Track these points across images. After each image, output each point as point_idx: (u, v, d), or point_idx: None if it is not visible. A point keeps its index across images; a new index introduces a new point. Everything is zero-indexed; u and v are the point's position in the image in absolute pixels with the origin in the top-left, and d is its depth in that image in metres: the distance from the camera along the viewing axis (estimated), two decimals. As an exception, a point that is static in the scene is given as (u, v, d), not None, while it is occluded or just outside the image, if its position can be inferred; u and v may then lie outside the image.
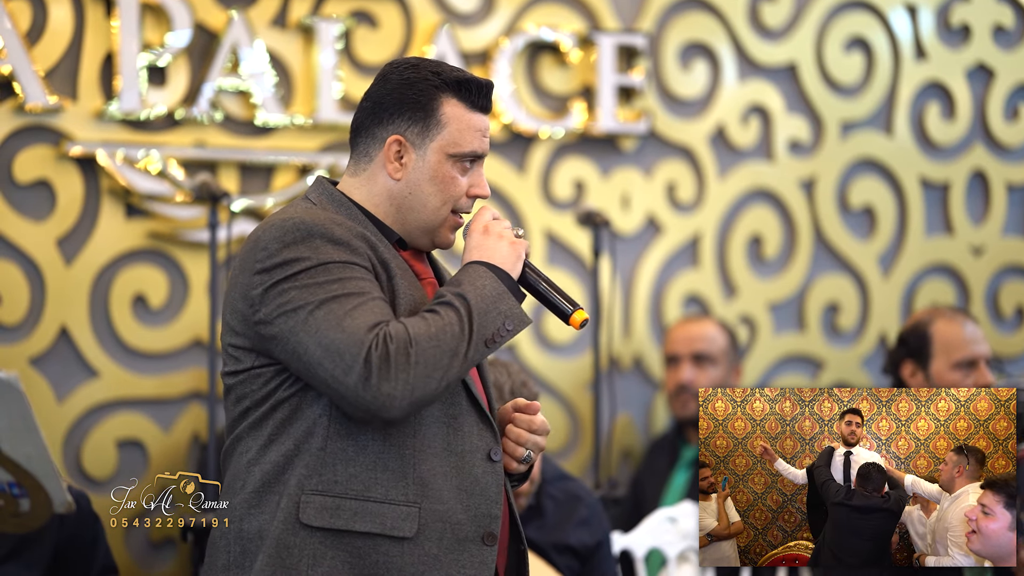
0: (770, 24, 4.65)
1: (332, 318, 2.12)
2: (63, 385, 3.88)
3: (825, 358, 4.73)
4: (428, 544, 2.18)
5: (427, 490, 2.19)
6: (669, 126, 4.53)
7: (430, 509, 2.19)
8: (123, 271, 3.94)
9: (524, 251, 2.26)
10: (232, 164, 4.03)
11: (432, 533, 2.19)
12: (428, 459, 2.20)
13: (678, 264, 4.57)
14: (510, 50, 4.30)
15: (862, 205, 4.79)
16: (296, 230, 2.17)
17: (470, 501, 2.22)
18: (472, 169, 2.29)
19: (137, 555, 3.94)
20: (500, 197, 4.35)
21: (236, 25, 3.99)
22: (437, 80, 2.26)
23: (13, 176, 3.83)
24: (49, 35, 3.85)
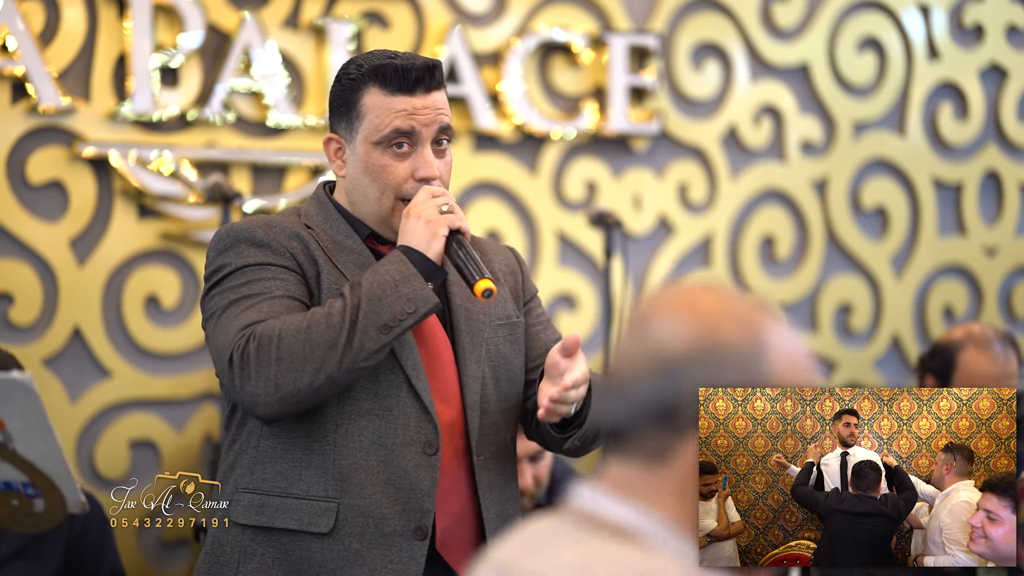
0: (782, 24, 4.64)
1: (225, 321, 2.18)
2: (76, 385, 3.89)
3: (838, 359, 4.72)
4: (348, 539, 2.19)
5: (346, 485, 2.20)
6: (681, 127, 4.53)
7: (349, 504, 2.19)
8: (136, 272, 3.95)
9: (446, 226, 2.19)
10: (244, 165, 4.04)
11: (352, 528, 2.19)
12: (350, 453, 2.20)
13: (690, 265, 4.57)
14: (522, 51, 4.30)
15: (875, 206, 4.78)
16: (226, 237, 2.26)
17: (398, 495, 2.20)
18: (415, 152, 2.26)
19: (149, 555, 3.95)
20: (511, 198, 4.35)
21: (248, 26, 3.99)
22: (358, 72, 2.27)
23: (26, 177, 3.84)
24: (62, 36, 3.86)
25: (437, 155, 2.27)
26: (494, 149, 4.32)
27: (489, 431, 2.29)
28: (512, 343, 2.32)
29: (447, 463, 2.24)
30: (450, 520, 2.24)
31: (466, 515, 2.25)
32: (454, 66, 4.21)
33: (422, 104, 2.25)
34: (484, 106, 4.24)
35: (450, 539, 2.24)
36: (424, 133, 2.25)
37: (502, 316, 2.34)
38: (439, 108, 2.26)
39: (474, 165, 4.30)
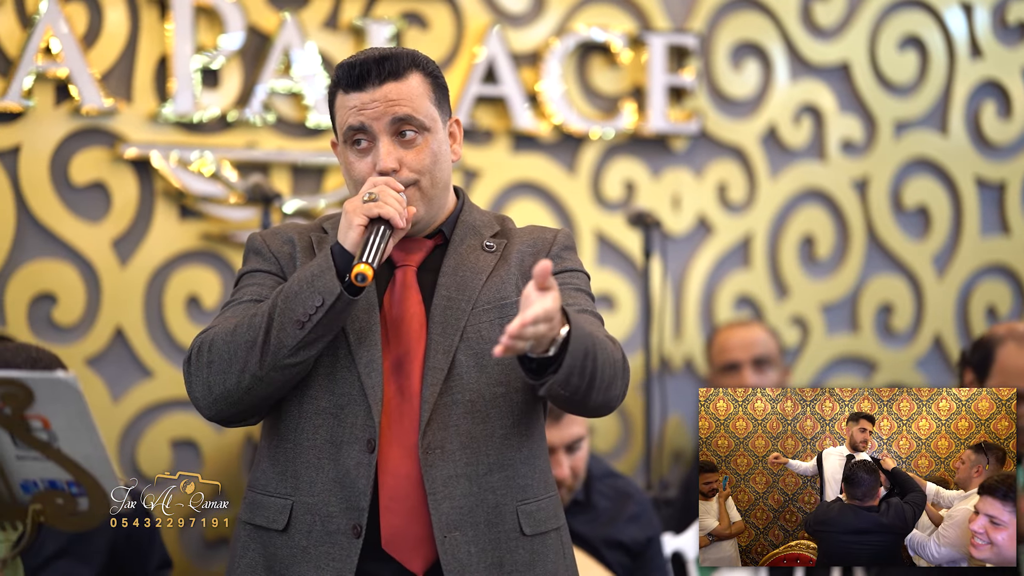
0: (823, 23, 4.61)
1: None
2: (118, 385, 3.92)
3: (879, 359, 4.69)
4: (298, 536, 2.23)
5: (299, 483, 2.24)
6: (720, 126, 4.51)
7: (301, 502, 2.24)
8: (177, 272, 3.97)
9: (363, 215, 2.18)
10: (284, 166, 4.06)
11: (302, 525, 2.23)
12: (305, 452, 2.24)
13: (729, 265, 4.55)
14: (560, 51, 4.29)
15: (916, 205, 4.74)
16: (245, 246, 2.37)
17: (343, 493, 2.22)
18: (374, 147, 2.27)
19: (192, 554, 3.98)
20: (550, 198, 4.35)
21: (288, 27, 4.01)
22: (332, 79, 2.33)
23: (69, 178, 3.87)
24: (105, 38, 3.89)
25: (404, 146, 2.27)
26: (533, 149, 4.32)
27: (460, 421, 2.24)
28: (501, 325, 2.20)
29: (395, 460, 2.22)
30: (399, 518, 2.22)
31: (419, 512, 2.22)
32: (493, 66, 4.21)
33: (370, 98, 2.25)
34: (523, 106, 4.24)
35: (399, 537, 2.21)
36: (376, 127, 2.26)
37: (492, 300, 2.29)
38: (390, 100, 2.25)
39: (513, 165, 4.30)
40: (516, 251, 2.34)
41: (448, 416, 2.23)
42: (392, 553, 2.21)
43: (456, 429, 2.23)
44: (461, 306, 2.27)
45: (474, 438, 2.24)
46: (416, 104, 2.27)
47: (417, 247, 2.33)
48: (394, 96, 2.26)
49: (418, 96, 2.28)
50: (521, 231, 2.40)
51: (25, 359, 2.83)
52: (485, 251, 2.33)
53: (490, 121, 4.25)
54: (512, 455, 2.27)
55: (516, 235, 2.38)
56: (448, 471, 2.22)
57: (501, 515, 2.25)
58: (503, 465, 2.26)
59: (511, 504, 2.26)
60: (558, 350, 2.10)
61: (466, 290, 2.28)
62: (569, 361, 2.10)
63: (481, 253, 2.33)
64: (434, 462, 2.21)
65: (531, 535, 2.27)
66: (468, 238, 2.35)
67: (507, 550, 2.24)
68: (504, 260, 2.32)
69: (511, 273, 2.32)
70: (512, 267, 2.33)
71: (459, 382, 2.24)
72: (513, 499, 2.26)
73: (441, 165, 2.31)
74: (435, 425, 2.22)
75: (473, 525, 2.23)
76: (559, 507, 2.35)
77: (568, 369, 2.11)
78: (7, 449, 2.18)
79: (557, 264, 2.35)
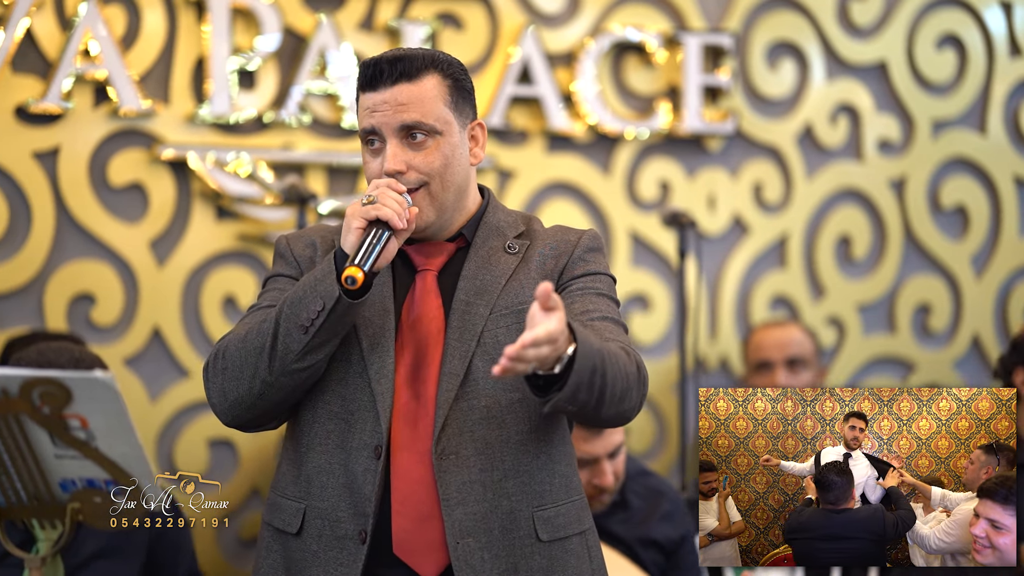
0: (859, 22, 4.59)
1: None
2: (156, 384, 3.95)
3: (916, 360, 4.66)
4: (310, 540, 2.24)
5: (311, 487, 2.26)
6: (756, 126, 4.50)
7: (313, 506, 2.25)
8: (214, 272, 4.00)
9: (360, 218, 2.18)
10: (320, 166, 4.07)
11: (313, 529, 2.24)
12: (317, 456, 2.25)
13: (765, 265, 4.53)
14: (595, 51, 4.29)
15: (954, 205, 4.71)
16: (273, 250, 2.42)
17: (352, 498, 2.22)
18: (385, 148, 2.27)
19: (228, 554, 4.00)
20: (584, 198, 4.34)
21: (324, 29, 4.03)
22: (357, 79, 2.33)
23: (108, 179, 3.90)
24: (143, 41, 3.92)
25: (413, 148, 2.26)
26: (567, 149, 4.32)
27: (476, 426, 2.22)
28: (519, 331, 2.18)
29: (408, 465, 2.21)
30: (410, 523, 2.21)
31: (432, 518, 2.21)
32: (528, 67, 4.21)
33: (381, 99, 2.26)
34: (558, 107, 4.24)
35: (410, 542, 2.21)
36: (385, 130, 2.26)
37: (510, 305, 2.27)
38: (400, 103, 2.25)
39: (547, 166, 4.30)
40: (538, 253, 2.32)
41: (464, 422, 2.22)
42: (403, 558, 2.21)
43: (471, 435, 2.22)
44: (479, 311, 2.26)
45: (489, 444, 2.23)
46: (426, 107, 2.26)
47: (438, 251, 2.32)
48: (404, 99, 2.25)
49: (430, 99, 2.26)
50: (546, 232, 2.37)
51: (68, 359, 2.85)
52: (507, 253, 2.31)
53: (525, 122, 4.25)
54: (528, 461, 2.25)
55: (540, 236, 2.35)
56: (462, 477, 2.21)
57: (516, 521, 2.23)
58: (519, 471, 2.24)
59: (526, 510, 2.24)
60: (564, 368, 2.06)
61: (485, 294, 2.27)
62: (574, 379, 2.06)
63: (503, 255, 2.31)
64: (448, 467, 2.20)
65: (548, 541, 2.24)
66: (490, 240, 2.33)
67: (522, 556, 2.23)
68: (525, 263, 2.30)
69: (531, 277, 2.30)
70: (532, 270, 2.30)
71: (475, 387, 2.23)
72: (528, 505, 2.24)
73: (454, 168, 2.29)
74: (450, 431, 2.21)
75: (487, 531, 2.21)
76: (584, 511, 2.32)
77: (573, 387, 2.07)
78: (46, 448, 2.20)
79: (579, 267, 2.32)
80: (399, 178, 2.25)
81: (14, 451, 2.20)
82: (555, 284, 2.30)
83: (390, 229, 2.19)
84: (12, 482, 2.24)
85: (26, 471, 2.22)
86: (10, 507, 2.26)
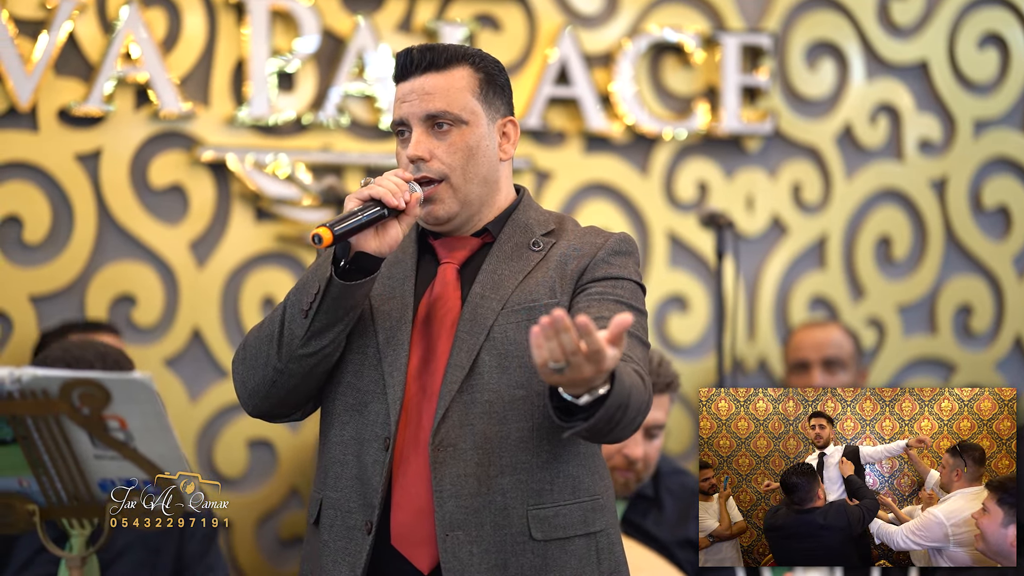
0: (900, 22, 4.55)
1: None
2: (196, 385, 3.98)
3: (957, 361, 4.62)
4: (324, 531, 2.27)
5: (327, 478, 2.28)
6: (795, 126, 4.47)
7: (328, 497, 2.28)
8: (253, 274, 4.02)
9: (355, 199, 2.21)
10: (358, 168, 4.09)
11: (327, 520, 2.27)
12: (333, 448, 2.28)
13: (804, 265, 4.51)
14: (633, 52, 4.28)
15: (996, 205, 4.66)
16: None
17: (361, 489, 2.24)
18: (412, 137, 2.29)
19: (267, 553, 4.02)
20: (622, 199, 4.34)
21: (362, 30, 4.04)
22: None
23: (148, 181, 3.94)
24: (183, 43, 3.95)
25: (438, 137, 2.27)
26: (605, 150, 4.31)
27: (476, 420, 2.21)
28: (528, 328, 2.10)
29: (410, 457, 2.22)
30: (408, 515, 2.22)
31: (427, 510, 2.21)
32: (565, 67, 4.21)
33: (409, 89, 2.28)
34: (595, 107, 4.24)
35: (407, 534, 2.22)
36: (411, 119, 2.28)
37: (523, 301, 2.25)
38: (427, 92, 2.26)
39: (585, 166, 4.29)
40: (560, 252, 2.29)
41: (464, 415, 2.22)
42: (400, 549, 2.22)
43: (471, 428, 2.21)
44: (492, 305, 2.25)
45: (488, 439, 2.21)
46: (453, 97, 2.26)
47: (461, 245, 2.32)
48: (431, 88, 2.27)
49: (458, 89, 2.27)
50: (576, 232, 2.34)
51: (95, 355, 2.88)
52: (531, 250, 2.30)
53: (562, 122, 4.25)
54: (527, 459, 2.22)
55: (567, 235, 2.32)
56: (458, 470, 2.20)
57: (508, 518, 2.21)
58: (516, 468, 2.22)
59: (520, 508, 2.22)
60: (591, 402, 2.05)
61: (500, 289, 2.26)
62: (602, 415, 2.06)
63: (526, 252, 2.30)
64: (444, 459, 2.20)
65: (543, 540, 2.21)
66: (516, 236, 2.31)
67: (512, 553, 2.20)
68: (545, 261, 2.29)
69: (549, 275, 2.27)
70: (551, 269, 2.28)
71: (479, 381, 2.22)
72: (523, 503, 2.22)
73: (478, 160, 2.28)
74: (449, 423, 2.21)
75: (478, 526, 2.20)
76: (596, 512, 2.27)
77: (595, 422, 2.07)
78: (86, 448, 2.22)
79: (601, 270, 2.28)
80: (422, 165, 2.26)
81: (54, 451, 2.22)
82: (574, 286, 2.27)
83: (384, 208, 2.20)
84: (52, 482, 2.26)
85: (66, 471, 2.24)
86: (51, 507, 2.29)
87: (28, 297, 3.83)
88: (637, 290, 2.30)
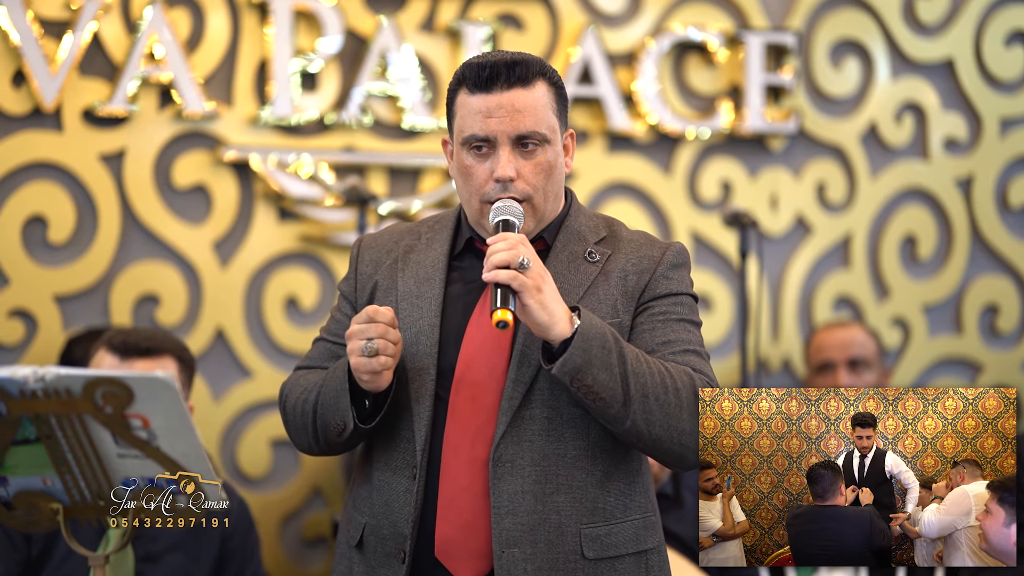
0: (925, 20, 4.53)
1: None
2: (219, 385, 3.99)
3: (983, 361, 4.59)
4: (368, 554, 2.28)
5: (371, 504, 2.28)
6: (819, 125, 4.45)
7: (369, 523, 2.28)
8: (276, 273, 4.03)
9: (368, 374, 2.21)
10: (381, 168, 4.09)
11: (369, 545, 2.28)
12: (374, 474, 2.29)
13: (828, 265, 4.49)
14: (656, 51, 4.27)
15: (1022, 204, 4.63)
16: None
17: (394, 518, 2.24)
18: (494, 153, 2.23)
19: (290, 553, 4.03)
20: (645, 198, 4.32)
21: (385, 30, 4.05)
22: (455, 77, 2.29)
23: (172, 181, 3.95)
24: (207, 44, 3.96)
25: (524, 156, 2.23)
26: (628, 149, 4.30)
27: (535, 437, 2.20)
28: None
29: (458, 471, 2.20)
30: (454, 530, 2.21)
31: (477, 525, 2.20)
32: (588, 67, 4.20)
33: (497, 103, 2.22)
34: (618, 106, 4.23)
35: (454, 548, 2.21)
36: (500, 137, 2.22)
37: None
38: (516, 109, 2.21)
39: (608, 166, 4.28)
40: (619, 269, 2.27)
41: (523, 431, 2.20)
42: (444, 562, 2.21)
43: (529, 445, 2.20)
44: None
45: (546, 456, 2.20)
46: (540, 115, 2.23)
47: None
48: (519, 105, 2.22)
49: (542, 106, 2.23)
50: (629, 242, 2.31)
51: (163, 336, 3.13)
52: (587, 261, 2.28)
53: (585, 121, 4.24)
54: (583, 477, 2.22)
55: (622, 246, 2.30)
56: (515, 486, 2.19)
57: (562, 536, 2.20)
58: (571, 486, 2.21)
59: (574, 526, 2.21)
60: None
61: None
62: (580, 343, 2.09)
63: (582, 263, 2.27)
64: (503, 475, 2.19)
65: (594, 559, 2.21)
66: (571, 245, 2.29)
67: (564, 572, 2.20)
68: (605, 276, 2.26)
69: (610, 293, 2.26)
70: (612, 286, 2.26)
71: (539, 397, 2.21)
72: (577, 521, 2.21)
73: (555, 178, 2.27)
74: (509, 439, 2.20)
75: (532, 543, 2.19)
76: (647, 530, 2.27)
77: (581, 351, 2.09)
78: (109, 447, 2.23)
79: (662, 286, 2.27)
80: (508, 185, 2.22)
81: (78, 450, 2.23)
82: (636, 304, 2.27)
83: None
84: (76, 481, 2.27)
85: (89, 470, 2.25)
86: (74, 505, 2.30)
87: (53, 297, 3.85)
88: (694, 303, 2.32)
